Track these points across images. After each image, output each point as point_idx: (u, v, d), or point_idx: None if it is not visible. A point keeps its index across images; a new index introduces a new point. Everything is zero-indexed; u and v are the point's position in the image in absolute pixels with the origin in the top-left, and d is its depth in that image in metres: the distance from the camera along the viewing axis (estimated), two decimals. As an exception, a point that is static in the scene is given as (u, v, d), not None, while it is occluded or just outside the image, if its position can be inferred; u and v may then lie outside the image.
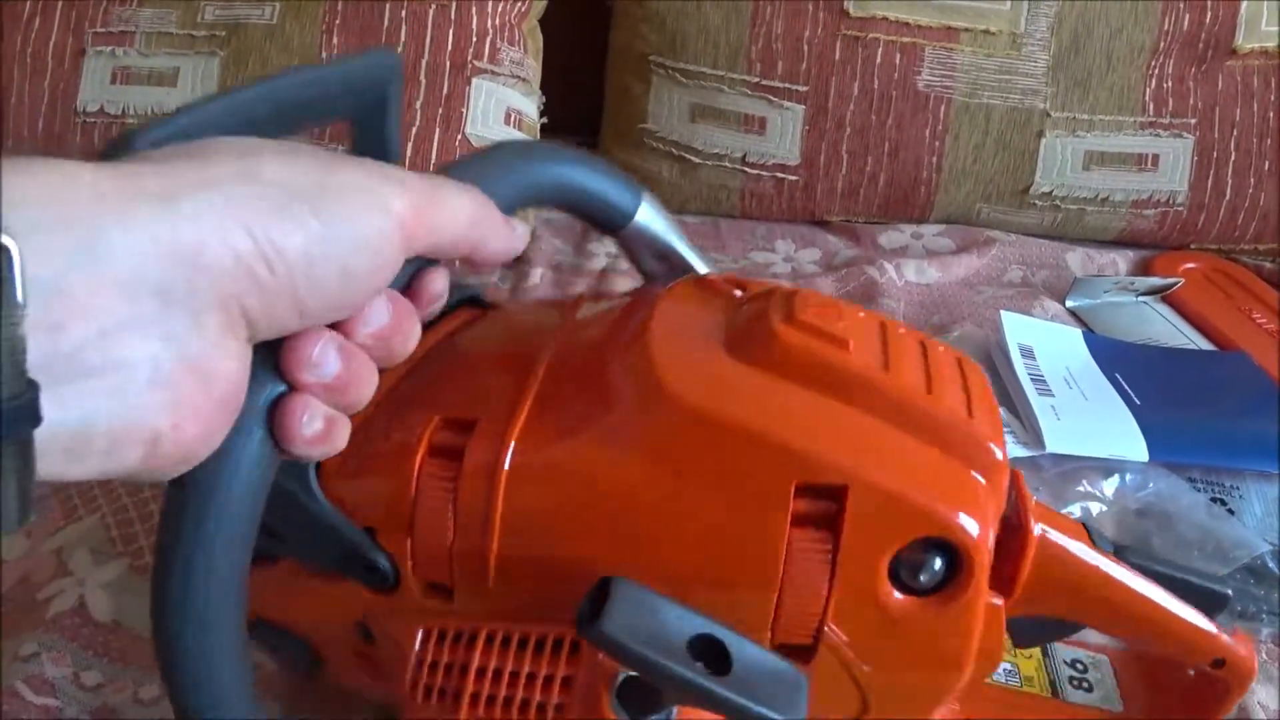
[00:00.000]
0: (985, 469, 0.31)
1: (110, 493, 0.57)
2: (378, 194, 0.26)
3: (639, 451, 0.31)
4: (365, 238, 0.25)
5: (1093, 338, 0.72)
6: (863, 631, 0.30)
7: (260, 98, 0.31)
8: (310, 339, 0.26)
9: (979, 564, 0.29)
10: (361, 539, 0.33)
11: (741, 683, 0.27)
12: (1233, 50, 0.83)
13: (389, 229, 0.25)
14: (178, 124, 0.28)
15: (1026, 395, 0.62)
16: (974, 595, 0.30)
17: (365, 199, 0.25)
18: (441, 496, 0.32)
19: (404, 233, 0.26)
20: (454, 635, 0.32)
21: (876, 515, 0.29)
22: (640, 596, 0.28)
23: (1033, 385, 0.63)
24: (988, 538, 0.30)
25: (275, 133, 0.31)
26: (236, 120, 0.30)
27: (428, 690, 0.32)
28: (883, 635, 0.30)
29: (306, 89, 0.33)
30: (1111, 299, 0.79)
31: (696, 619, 0.28)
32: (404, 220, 0.26)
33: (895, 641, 0.31)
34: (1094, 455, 0.57)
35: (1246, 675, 0.38)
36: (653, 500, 0.30)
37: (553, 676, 0.30)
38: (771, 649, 0.30)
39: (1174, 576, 0.36)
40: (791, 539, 0.30)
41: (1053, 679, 0.46)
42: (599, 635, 0.27)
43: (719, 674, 0.27)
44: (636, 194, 0.38)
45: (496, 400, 0.33)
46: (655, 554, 0.30)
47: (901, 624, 0.30)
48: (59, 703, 0.45)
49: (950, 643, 0.31)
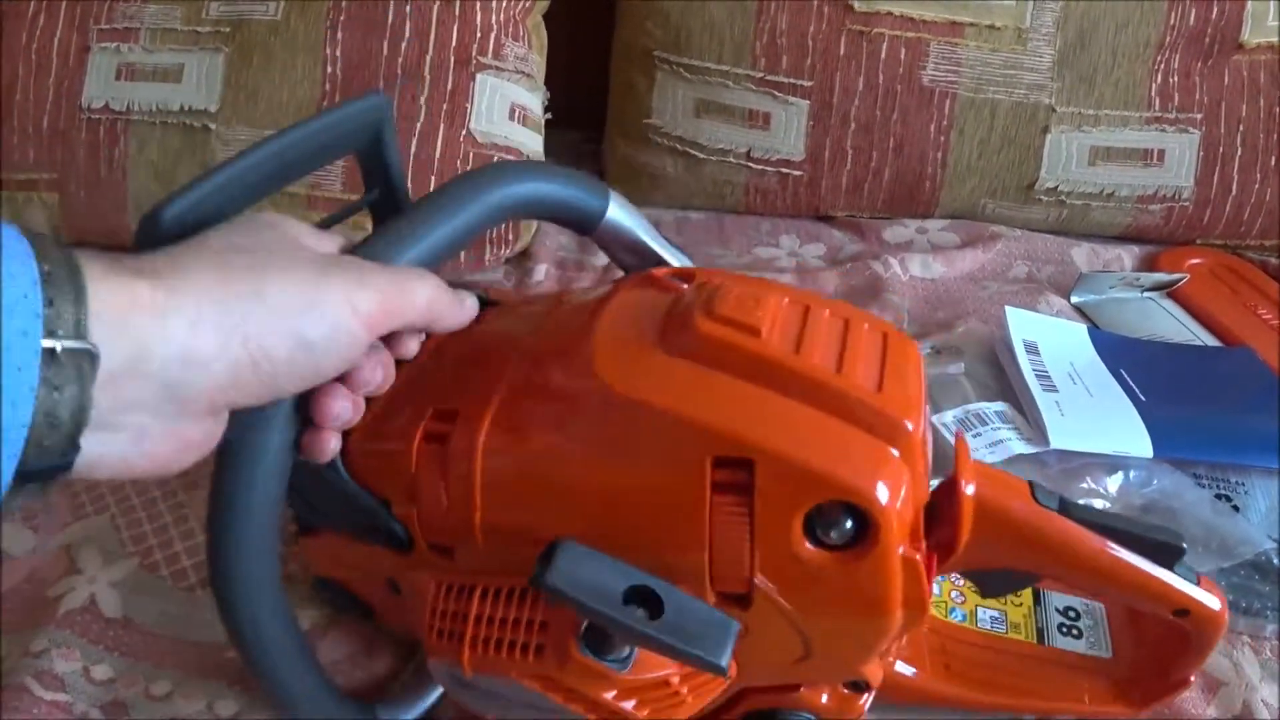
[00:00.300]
0: (893, 438, 0.34)
1: (119, 493, 0.57)
2: (354, 301, 0.32)
3: (580, 434, 0.36)
4: (339, 341, 0.32)
5: (1098, 333, 0.72)
6: (787, 582, 0.34)
7: (266, 159, 0.36)
8: (333, 399, 0.34)
9: (885, 522, 0.33)
10: (379, 510, 0.39)
11: (673, 626, 0.32)
12: (1239, 45, 0.83)
13: (359, 330, 0.32)
14: (195, 196, 0.33)
15: (1031, 391, 0.62)
16: (884, 550, 0.33)
17: (344, 310, 0.32)
18: (435, 474, 0.38)
19: (370, 326, 0.33)
20: (457, 588, 0.38)
21: (782, 482, 0.33)
22: (582, 554, 0.32)
23: (1037, 381, 0.63)
24: (897, 499, 0.33)
25: (283, 185, 0.38)
26: (246, 185, 0.35)
27: (439, 633, 0.37)
28: (806, 585, 0.34)
29: (307, 142, 0.37)
30: (1117, 295, 0.79)
31: (633, 572, 0.33)
32: (372, 319, 0.33)
33: (818, 590, 0.34)
34: (1098, 451, 0.58)
35: (1210, 624, 0.40)
36: (594, 475, 0.35)
37: (532, 621, 0.35)
38: (714, 597, 0.34)
39: (1126, 530, 0.38)
40: (713, 505, 0.33)
41: (1041, 626, 0.47)
42: (546, 586, 0.31)
43: (652, 618, 0.32)
44: (604, 197, 0.43)
45: (475, 392, 0.38)
46: (600, 522, 0.35)
47: (821, 575, 0.34)
48: (69, 698, 0.46)
49: (869, 592, 0.34)
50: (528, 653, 0.35)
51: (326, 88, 0.78)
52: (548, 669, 0.35)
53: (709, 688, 0.37)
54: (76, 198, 0.81)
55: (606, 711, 0.36)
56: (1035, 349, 0.67)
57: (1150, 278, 0.79)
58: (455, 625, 0.37)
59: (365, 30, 0.78)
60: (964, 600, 0.48)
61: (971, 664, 0.45)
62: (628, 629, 0.32)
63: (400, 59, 0.78)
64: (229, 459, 0.34)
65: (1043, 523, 0.38)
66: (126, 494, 0.57)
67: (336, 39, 0.78)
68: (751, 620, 0.35)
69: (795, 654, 0.36)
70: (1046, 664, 0.45)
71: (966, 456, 0.38)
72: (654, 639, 0.32)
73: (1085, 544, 0.38)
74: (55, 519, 0.56)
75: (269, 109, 0.78)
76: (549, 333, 0.41)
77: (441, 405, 0.39)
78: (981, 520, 0.37)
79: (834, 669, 0.39)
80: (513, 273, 0.81)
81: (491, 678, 0.36)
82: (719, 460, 0.33)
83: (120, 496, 0.57)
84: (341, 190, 0.77)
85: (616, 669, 0.34)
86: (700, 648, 0.31)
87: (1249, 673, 0.48)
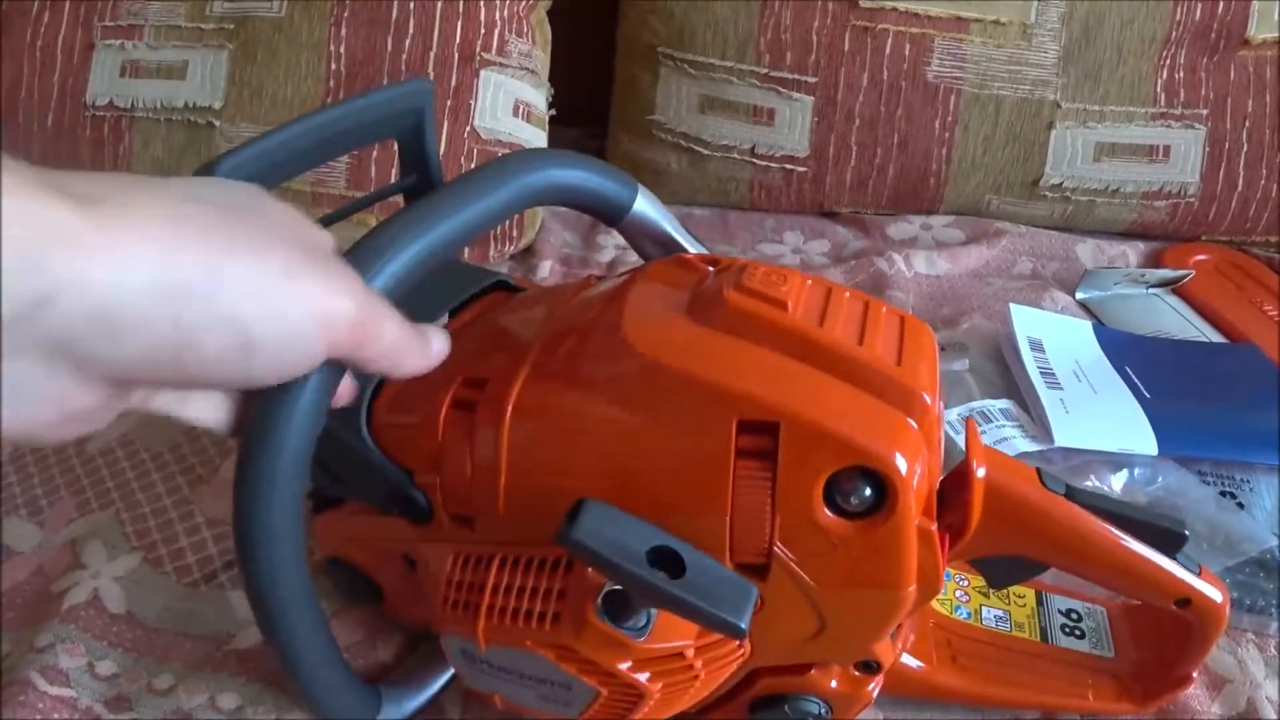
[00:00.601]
0: (910, 409, 0.35)
1: (124, 488, 0.57)
2: (327, 311, 0.28)
3: (609, 398, 0.36)
4: (291, 352, 0.28)
5: (1103, 330, 0.72)
6: (806, 550, 0.34)
7: (317, 126, 0.38)
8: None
9: (903, 489, 0.33)
10: (402, 479, 0.40)
11: (694, 586, 0.32)
12: (1245, 40, 0.83)
13: (318, 346, 0.28)
14: (251, 153, 0.35)
15: (1035, 389, 0.62)
16: (901, 518, 0.34)
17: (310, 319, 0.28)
18: (461, 441, 0.38)
19: (332, 345, 0.29)
20: (475, 559, 0.38)
21: (805, 446, 0.33)
22: (608, 513, 0.33)
23: (1041, 379, 0.63)
24: (914, 467, 0.34)
25: (328, 155, 0.40)
26: (299, 150, 0.37)
27: (454, 604, 0.38)
28: (824, 553, 0.34)
29: (355, 117, 0.39)
30: (1122, 291, 0.78)
31: (657, 533, 0.33)
32: (338, 336, 0.29)
33: (836, 559, 0.34)
34: (1103, 449, 0.57)
35: (1212, 615, 0.41)
36: (619, 439, 0.36)
37: (550, 590, 0.35)
38: (732, 568, 0.35)
39: (1130, 516, 0.39)
40: (736, 469, 0.34)
41: (1044, 626, 0.47)
42: (570, 542, 0.31)
43: (674, 578, 0.32)
44: (632, 188, 0.44)
45: (504, 362, 0.39)
46: (625, 486, 0.35)
47: (839, 544, 0.34)
48: (74, 693, 0.46)
49: (886, 560, 0.34)
50: (544, 621, 0.35)
51: (330, 84, 0.78)
52: (564, 637, 0.35)
53: (722, 663, 0.37)
54: (81, 194, 0.81)
55: (620, 684, 0.36)
56: (1040, 346, 0.67)
57: (1155, 274, 0.79)
58: (471, 596, 0.37)
59: (369, 27, 0.78)
60: (968, 599, 0.48)
61: (978, 659, 0.45)
62: (650, 587, 0.32)
63: (404, 55, 0.78)
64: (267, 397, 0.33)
65: (1050, 506, 0.38)
66: (131, 489, 0.57)
67: (340, 36, 0.78)
68: (768, 592, 0.35)
69: (810, 629, 0.37)
70: (1051, 661, 0.45)
71: (977, 440, 0.39)
72: (675, 597, 0.32)
73: (1090, 528, 0.38)
74: (60, 514, 0.56)
75: (273, 106, 0.78)
76: (578, 308, 0.41)
77: (470, 375, 0.39)
78: (991, 503, 0.38)
79: (847, 646, 0.39)
80: (517, 269, 0.81)
81: (505, 650, 0.36)
82: (743, 425, 0.34)
83: (125, 492, 0.57)
84: (346, 187, 0.77)
85: (633, 637, 0.34)
86: (721, 608, 0.32)
87: (1254, 670, 0.48)
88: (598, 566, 0.32)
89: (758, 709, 0.42)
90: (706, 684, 0.38)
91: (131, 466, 0.59)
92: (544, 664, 0.36)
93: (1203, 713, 0.46)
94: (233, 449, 0.60)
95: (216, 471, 0.58)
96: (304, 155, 0.39)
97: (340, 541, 0.46)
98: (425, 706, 0.45)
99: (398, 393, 0.40)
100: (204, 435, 0.61)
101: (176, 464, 0.59)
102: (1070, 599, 0.49)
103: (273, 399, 0.32)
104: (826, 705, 0.41)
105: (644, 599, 0.34)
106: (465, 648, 0.38)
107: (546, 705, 0.39)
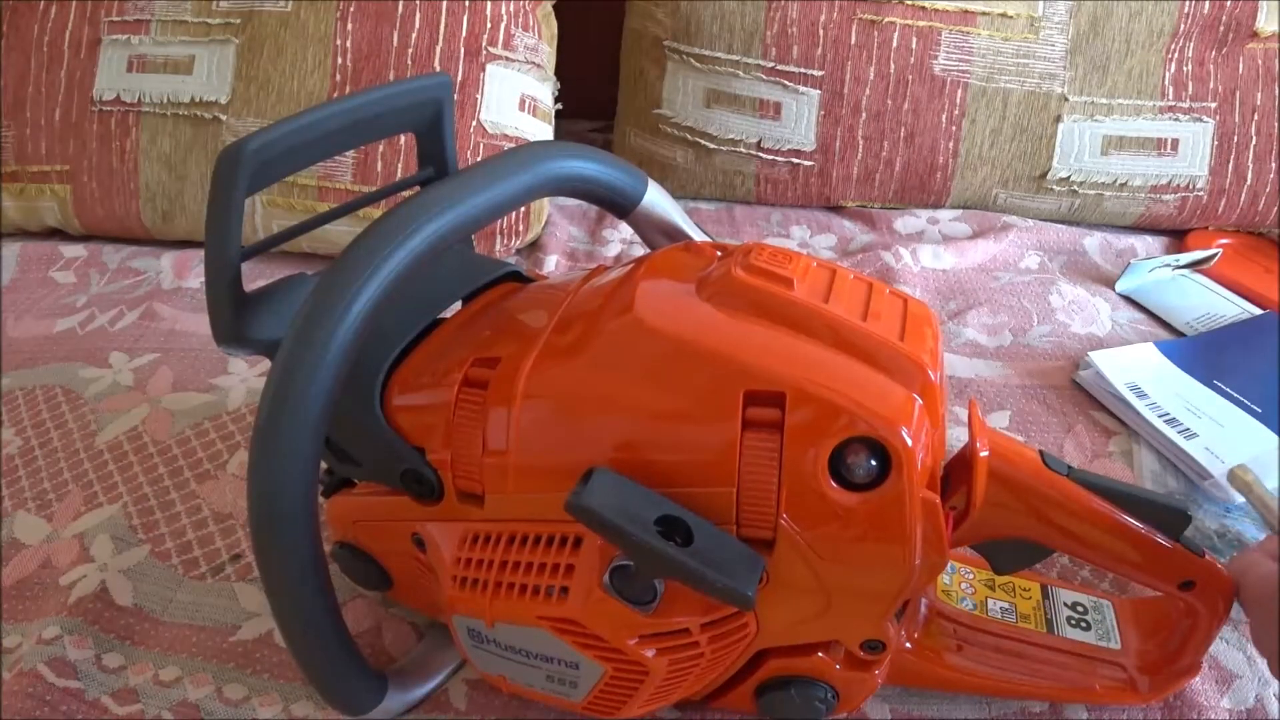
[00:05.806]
0: (913, 383, 0.35)
1: (131, 482, 0.57)
2: None
3: (619, 373, 0.36)
4: None
5: (1164, 345, 0.69)
6: (811, 522, 0.35)
7: (343, 112, 0.39)
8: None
9: (907, 460, 0.34)
10: (414, 456, 0.40)
11: (702, 554, 0.32)
12: (1254, 33, 0.82)
13: None
14: (278, 133, 0.36)
15: (1178, 444, 0.58)
16: (905, 489, 0.34)
17: None
18: (473, 418, 0.38)
19: None
20: (485, 537, 0.38)
21: (811, 417, 0.34)
22: (617, 481, 0.33)
23: (1175, 431, 0.60)
24: (919, 439, 0.34)
25: (349, 144, 0.41)
26: (323, 134, 0.38)
27: (464, 582, 0.38)
28: (829, 525, 0.35)
29: (377, 106, 0.40)
30: (1154, 277, 0.78)
31: (665, 502, 0.33)
32: None
33: (841, 531, 0.35)
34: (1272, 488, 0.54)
35: (1216, 598, 0.41)
36: (631, 413, 0.36)
37: (559, 565, 0.36)
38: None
39: (1133, 496, 0.39)
40: (744, 441, 0.34)
41: (1050, 618, 0.47)
42: (580, 508, 0.32)
43: (682, 547, 0.32)
44: (643, 180, 0.44)
45: (517, 341, 0.39)
46: (636, 456, 0.35)
47: (844, 515, 0.34)
48: (80, 684, 0.46)
49: (890, 532, 0.35)
50: (552, 596, 0.36)
51: (337, 79, 0.78)
52: (572, 611, 0.35)
53: (728, 641, 0.38)
54: (88, 189, 0.81)
55: (625, 659, 0.36)
56: (1141, 392, 0.63)
57: (1184, 257, 0.79)
58: (480, 573, 0.38)
59: (375, 21, 0.78)
60: (974, 592, 0.48)
61: (984, 650, 0.45)
62: (658, 554, 0.32)
63: (410, 50, 0.78)
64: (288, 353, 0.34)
65: (1052, 486, 0.39)
66: (139, 483, 0.57)
67: (347, 30, 0.78)
68: (774, 566, 0.35)
69: (816, 605, 0.37)
70: (1057, 653, 0.45)
71: (980, 421, 0.39)
72: (684, 565, 0.32)
73: (1093, 508, 0.39)
74: (68, 508, 0.56)
75: (279, 100, 0.78)
76: (589, 293, 0.42)
77: (483, 354, 0.40)
78: (995, 483, 0.38)
79: (853, 623, 0.39)
80: (523, 263, 0.81)
81: (512, 626, 0.37)
82: (750, 396, 0.34)
83: (133, 486, 0.57)
84: (351, 182, 0.77)
85: (640, 611, 0.35)
86: (729, 577, 0.32)
87: (1262, 666, 0.48)
88: (606, 534, 0.32)
89: (764, 693, 0.42)
90: (713, 663, 0.38)
91: (139, 461, 0.59)
92: (551, 641, 0.36)
93: (1210, 708, 0.46)
94: (239, 443, 0.60)
95: (223, 466, 0.58)
96: (326, 140, 0.39)
97: (350, 525, 0.46)
98: (430, 695, 0.45)
99: (410, 373, 0.41)
100: (211, 430, 0.61)
101: (184, 458, 0.59)
102: (1076, 592, 0.48)
103: (293, 365, 0.33)
104: (833, 690, 0.41)
105: (652, 568, 0.34)
106: (473, 627, 0.38)
107: (552, 687, 0.39)
